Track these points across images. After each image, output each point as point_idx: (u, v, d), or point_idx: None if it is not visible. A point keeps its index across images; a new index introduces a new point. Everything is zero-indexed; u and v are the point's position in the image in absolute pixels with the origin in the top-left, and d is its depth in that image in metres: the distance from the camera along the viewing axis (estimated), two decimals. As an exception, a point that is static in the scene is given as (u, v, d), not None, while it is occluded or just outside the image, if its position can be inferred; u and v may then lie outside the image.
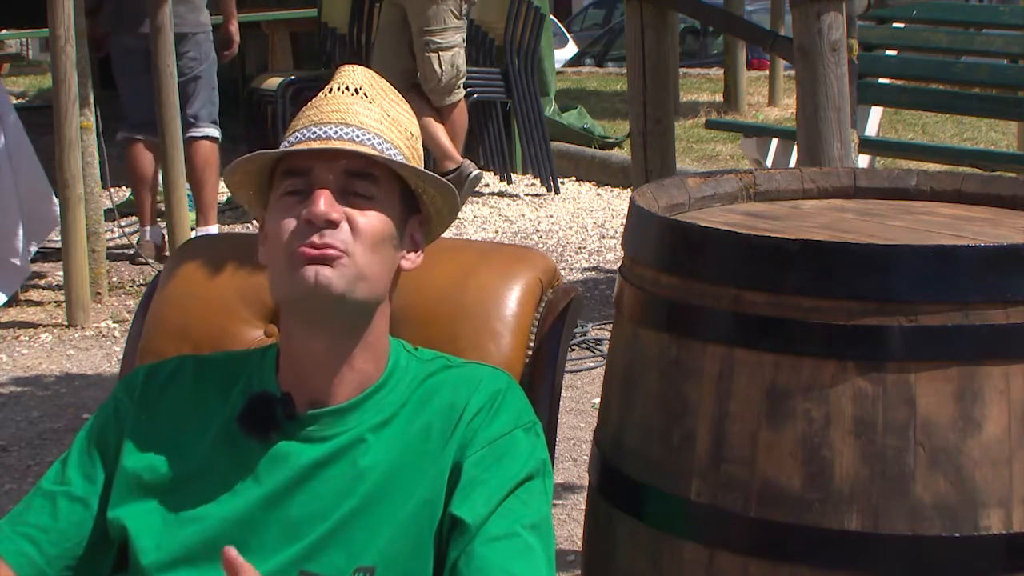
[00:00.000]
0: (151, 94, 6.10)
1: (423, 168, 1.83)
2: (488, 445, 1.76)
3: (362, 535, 1.74)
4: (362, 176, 1.76)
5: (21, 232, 5.72)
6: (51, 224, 5.94)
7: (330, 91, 1.81)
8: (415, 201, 1.84)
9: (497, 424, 1.78)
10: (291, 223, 1.74)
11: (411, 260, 1.85)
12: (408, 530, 1.74)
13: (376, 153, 1.76)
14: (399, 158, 1.79)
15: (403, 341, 1.89)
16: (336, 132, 1.76)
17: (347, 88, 1.80)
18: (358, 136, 1.76)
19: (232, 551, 1.54)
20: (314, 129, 1.77)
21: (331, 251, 1.72)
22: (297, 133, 1.78)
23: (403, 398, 1.81)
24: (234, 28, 7.02)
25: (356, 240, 1.74)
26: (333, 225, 1.72)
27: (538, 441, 1.82)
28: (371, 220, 1.75)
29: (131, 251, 6.64)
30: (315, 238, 1.72)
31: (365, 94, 1.81)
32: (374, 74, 1.85)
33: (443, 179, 1.83)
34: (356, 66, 1.85)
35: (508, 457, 1.76)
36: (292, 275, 1.73)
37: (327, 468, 1.77)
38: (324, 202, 1.72)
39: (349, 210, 1.75)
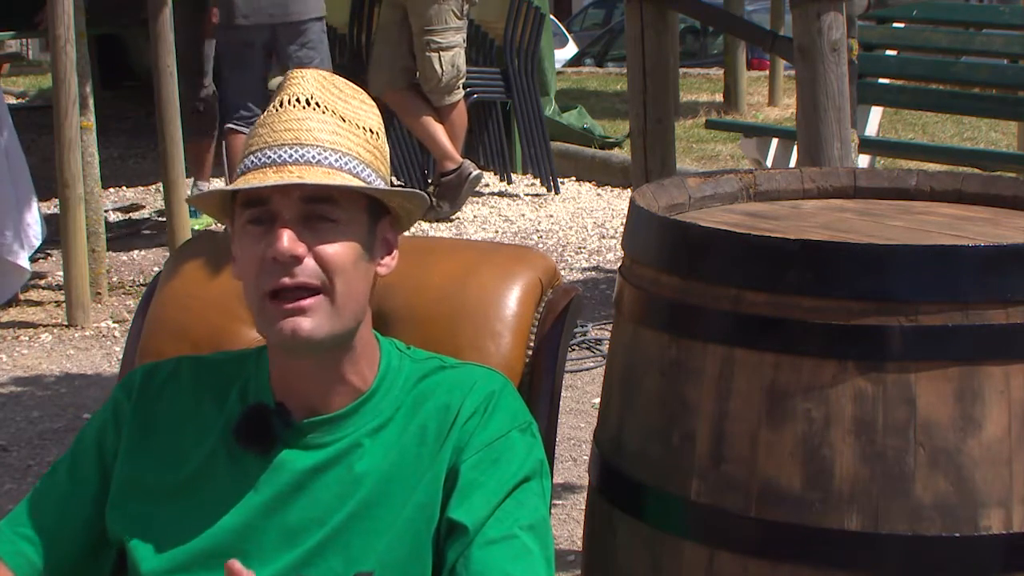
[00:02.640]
0: (258, 86, 6.52)
1: (388, 165, 1.79)
2: (484, 448, 1.76)
3: (360, 540, 1.74)
4: (322, 200, 1.70)
5: (23, 234, 5.71)
6: (41, 229, 5.94)
7: (280, 105, 1.74)
8: (382, 203, 1.79)
9: (492, 426, 1.77)
10: (257, 258, 1.70)
11: (387, 265, 1.81)
12: (406, 534, 1.74)
13: (335, 181, 1.69)
14: (360, 169, 1.73)
15: (395, 340, 1.87)
16: (291, 155, 1.70)
17: (298, 100, 1.73)
18: (314, 156, 1.70)
19: (236, 565, 1.54)
20: (268, 152, 1.70)
21: (304, 302, 1.69)
22: (252, 157, 1.72)
23: (397, 401, 1.80)
24: None
25: (327, 272, 1.70)
26: (298, 261, 1.69)
27: (534, 442, 1.81)
28: (338, 249, 1.71)
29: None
30: (285, 279, 1.68)
31: (317, 104, 1.73)
32: (324, 74, 1.78)
33: (405, 190, 1.78)
34: (305, 71, 1.77)
35: (505, 459, 1.76)
36: (268, 325, 1.71)
37: (324, 474, 1.76)
38: (287, 239, 1.68)
39: (314, 241, 1.70)
